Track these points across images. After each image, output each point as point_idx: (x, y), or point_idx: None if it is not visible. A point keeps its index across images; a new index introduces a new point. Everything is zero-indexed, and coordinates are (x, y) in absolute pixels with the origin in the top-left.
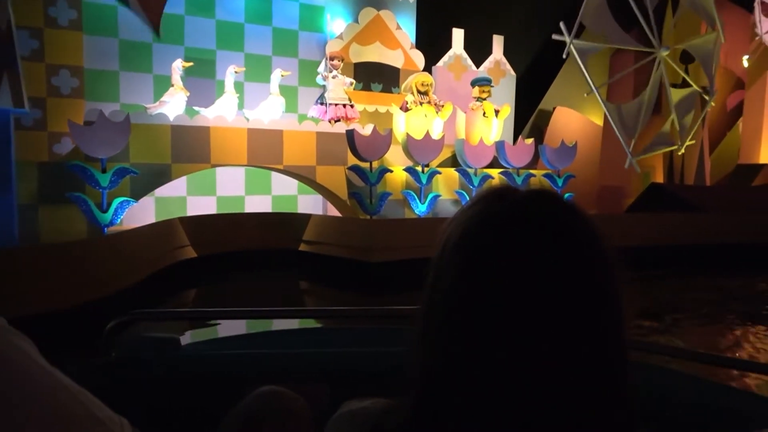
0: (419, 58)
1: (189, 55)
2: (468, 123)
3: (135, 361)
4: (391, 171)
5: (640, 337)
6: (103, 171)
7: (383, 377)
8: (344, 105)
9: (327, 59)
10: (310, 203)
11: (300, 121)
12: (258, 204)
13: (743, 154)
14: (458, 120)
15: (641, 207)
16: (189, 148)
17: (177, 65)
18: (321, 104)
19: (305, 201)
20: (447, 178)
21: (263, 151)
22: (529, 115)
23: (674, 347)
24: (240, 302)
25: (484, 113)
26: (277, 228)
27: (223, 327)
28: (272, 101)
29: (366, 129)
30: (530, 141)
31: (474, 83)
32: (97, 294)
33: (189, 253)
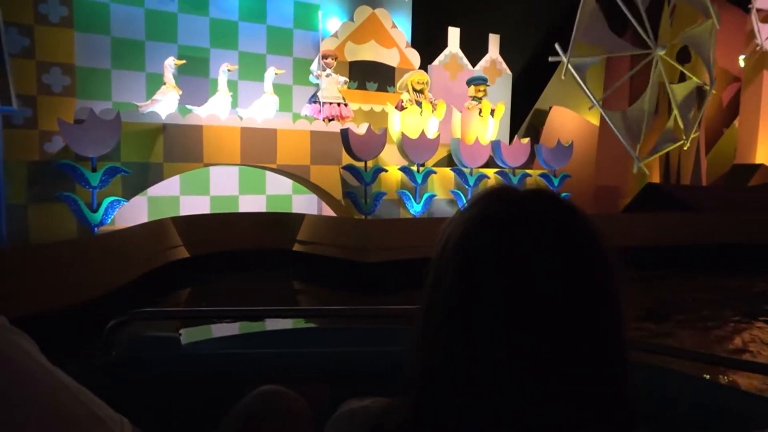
0: (415, 57)
1: (182, 53)
2: (463, 122)
3: (135, 361)
4: (386, 170)
5: (640, 338)
6: (94, 170)
7: (383, 377)
8: (338, 104)
9: (320, 58)
10: (305, 203)
11: (294, 120)
12: (252, 204)
13: (739, 154)
14: (454, 119)
15: (637, 207)
16: (181, 147)
17: (169, 63)
18: (314, 103)
19: (300, 201)
20: (442, 178)
21: (256, 151)
22: (525, 115)
23: (674, 347)
24: (232, 303)
25: (480, 112)
26: (271, 228)
27: (223, 327)
28: (266, 100)
29: (361, 128)
30: (526, 140)
31: (470, 82)
32: (86, 295)
33: (181, 254)
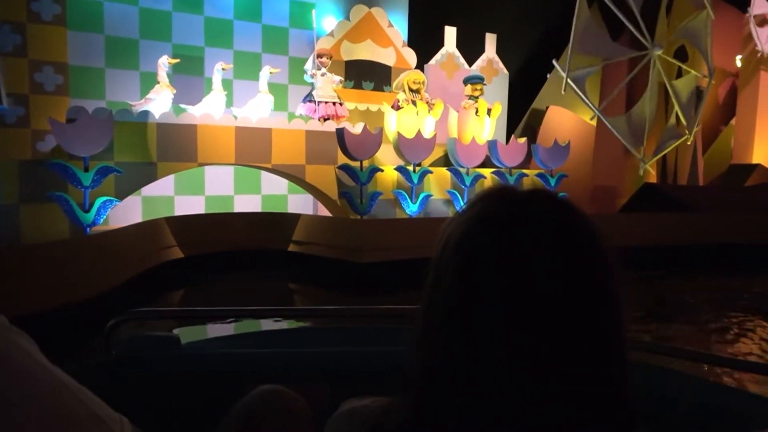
0: (411, 56)
1: (177, 52)
2: (460, 122)
3: (135, 360)
4: (382, 170)
5: (640, 338)
6: (86, 170)
7: (383, 376)
8: (334, 103)
9: (315, 56)
10: (300, 203)
11: (289, 120)
12: (247, 203)
13: (736, 154)
14: (450, 119)
15: (634, 207)
16: (175, 147)
17: (163, 62)
18: (309, 102)
19: (295, 201)
20: (439, 178)
21: (251, 150)
22: (522, 114)
23: (674, 347)
24: (227, 304)
25: (477, 111)
26: (266, 228)
27: (223, 326)
28: (261, 99)
29: (356, 127)
30: (523, 140)
31: (466, 81)
32: (79, 296)
33: (175, 254)
